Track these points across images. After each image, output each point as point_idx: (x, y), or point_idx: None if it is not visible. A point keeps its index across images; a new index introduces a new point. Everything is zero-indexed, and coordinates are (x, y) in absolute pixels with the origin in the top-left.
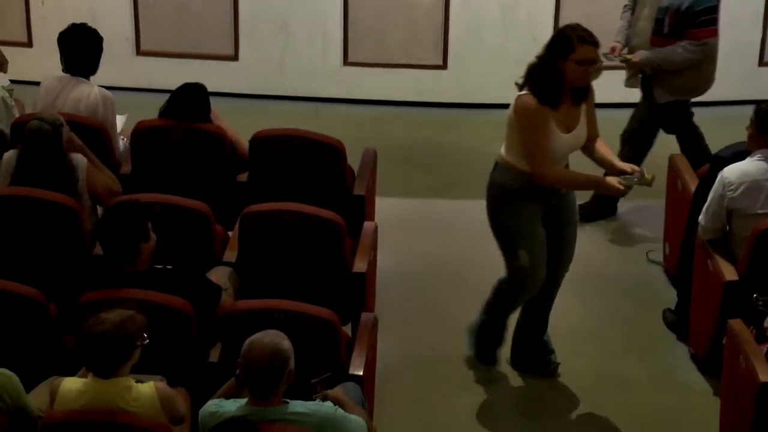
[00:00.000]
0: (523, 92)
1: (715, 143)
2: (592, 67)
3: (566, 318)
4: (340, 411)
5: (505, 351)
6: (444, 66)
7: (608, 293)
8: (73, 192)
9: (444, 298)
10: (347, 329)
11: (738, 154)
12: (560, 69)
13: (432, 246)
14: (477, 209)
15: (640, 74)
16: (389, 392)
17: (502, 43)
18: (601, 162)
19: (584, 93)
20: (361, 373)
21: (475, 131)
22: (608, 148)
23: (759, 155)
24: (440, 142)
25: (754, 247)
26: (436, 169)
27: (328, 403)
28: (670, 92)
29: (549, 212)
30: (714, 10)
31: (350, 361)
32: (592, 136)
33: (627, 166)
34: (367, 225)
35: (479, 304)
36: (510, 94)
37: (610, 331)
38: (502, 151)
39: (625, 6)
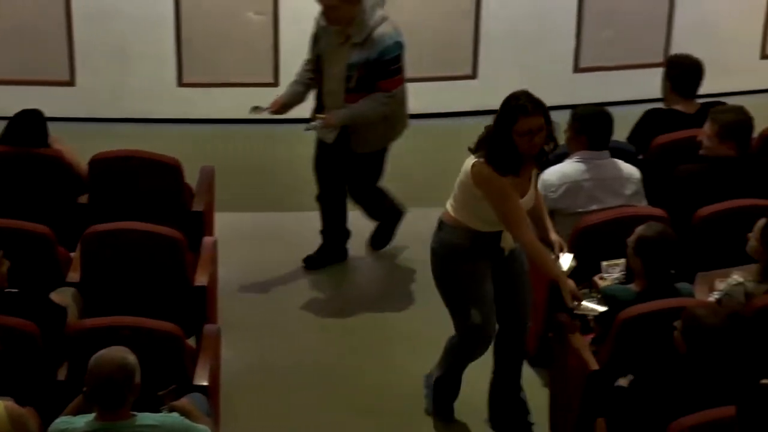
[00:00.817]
0: (479, 159)
1: None
2: (538, 136)
3: (404, 323)
4: (187, 421)
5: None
6: (276, 83)
7: (434, 292)
8: None
9: (285, 308)
10: (192, 341)
11: (558, 156)
12: (513, 139)
13: (272, 257)
14: (313, 219)
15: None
16: (235, 401)
17: None
18: (535, 221)
19: (542, 153)
20: (206, 384)
21: (307, 144)
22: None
23: (577, 157)
24: (275, 157)
25: (574, 244)
26: (272, 183)
27: (175, 414)
28: (366, 143)
29: (498, 264)
30: (399, 59)
31: (195, 372)
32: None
33: (557, 243)
34: (207, 240)
35: (319, 313)
36: None
37: (441, 331)
38: (450, 210)
39: (307, 61)
